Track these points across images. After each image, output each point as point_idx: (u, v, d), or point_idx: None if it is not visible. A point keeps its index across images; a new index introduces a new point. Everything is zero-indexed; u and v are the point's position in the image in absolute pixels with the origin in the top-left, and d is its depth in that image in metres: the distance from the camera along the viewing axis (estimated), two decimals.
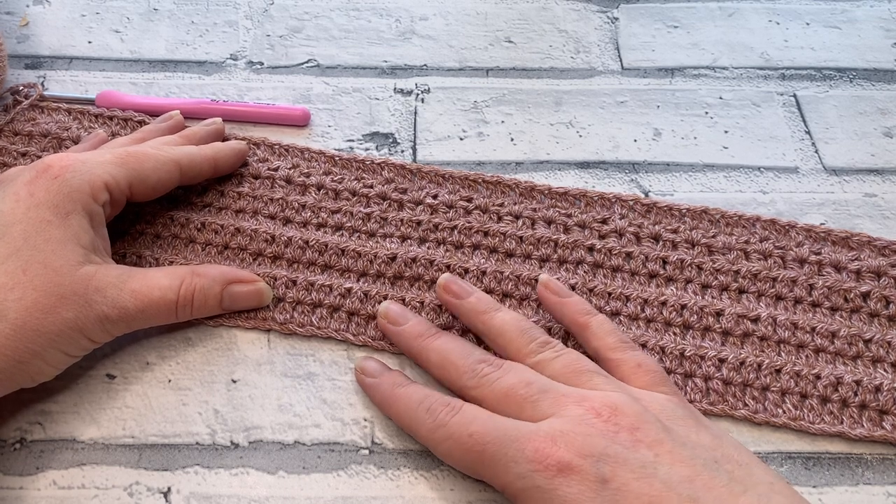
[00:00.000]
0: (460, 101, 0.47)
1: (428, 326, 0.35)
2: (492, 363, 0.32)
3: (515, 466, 0.28)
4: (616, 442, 0.28)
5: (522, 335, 0.33)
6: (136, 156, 0.36)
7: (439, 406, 0.31)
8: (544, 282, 0.35)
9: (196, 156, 0.39)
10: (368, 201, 0.40)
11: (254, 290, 0.36)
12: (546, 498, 0.27)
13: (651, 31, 0.51)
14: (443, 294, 0.36)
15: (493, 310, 0.34)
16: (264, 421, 0.34)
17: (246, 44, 0.50)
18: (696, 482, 0.27)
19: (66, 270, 0.31)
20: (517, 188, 0.41)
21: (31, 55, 0.48)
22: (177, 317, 0.34)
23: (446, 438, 0.30)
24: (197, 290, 0.34)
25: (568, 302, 0.35)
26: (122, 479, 0.33)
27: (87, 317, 0.31)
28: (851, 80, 0.48)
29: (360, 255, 0.38)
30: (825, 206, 0.42)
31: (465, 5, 0.52)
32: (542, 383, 0.30)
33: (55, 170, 0.33)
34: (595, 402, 0.29)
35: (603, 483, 0.27)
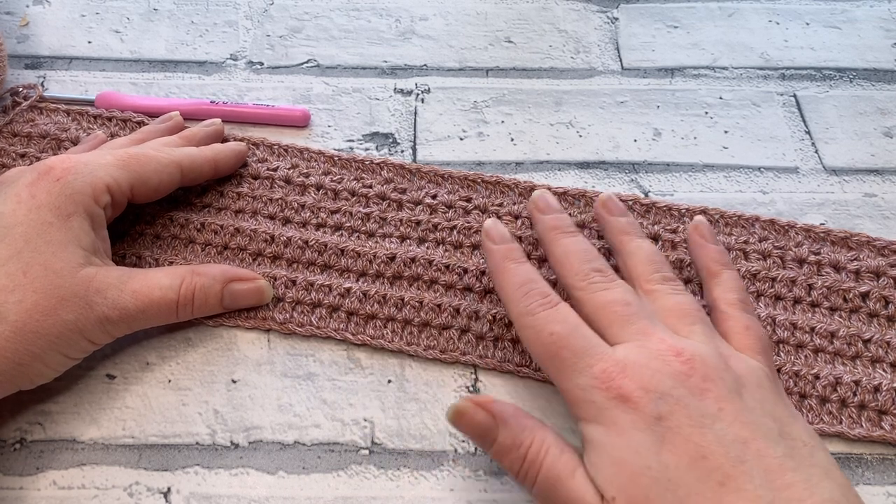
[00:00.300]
0: (460, 101, 0.47)
1: (568, 223, 0.36)
2: (605, 275, 0.32)
3: (580, 377, 0.29)
4: (684, 385, 0.28)
5: (651, 264, 0.34)
6: (138, 158, 0.36)
7: (536, 295, 0.31)
8: (697, 223, 0.37)
9: (197, 157, 0.39)
10: (367, 201, 0.41)
11: (254, 288, 0.36)
12: (599, 415, 0.28)
13: (651, 31, 0.51)
14: (600, 209, 0.37)
15: (636, 235, 0.35)
16: (264, 421, 0.34)
17: (246, 44, 0.50)
18: (749, 446, 0.26)
19: (66, 272, 0.31)
20: (516, 188, 0.41)
21: (31, 55, 0.48)
22: (177, 316, 0.34)
23: (530, 327, 0.31)
24: (197, 288, 0.34)
25: (709, 247, 0.36)
26: (122, 479, 0.33)
27: (87, 318, 0.31)
28: (851, 80, 0.48)
29: (360, 255, 0.38)
30: (825, 206, 0.42)
31: (465, 5, 0.52)
32: (639, 309, 0.31)
33: (57, 172, 0.33)
34: (679, 345, 0.29)
35: (657, 419, 0.27)
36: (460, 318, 0.37)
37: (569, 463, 0.28)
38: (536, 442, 0.29)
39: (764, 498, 0.25)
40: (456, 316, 0.37)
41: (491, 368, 0.36)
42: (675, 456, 0.26)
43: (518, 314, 0.31)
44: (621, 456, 0.27)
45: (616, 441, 0.27)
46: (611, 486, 0.27)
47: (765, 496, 0.25)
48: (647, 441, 0.27)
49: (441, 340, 0.36)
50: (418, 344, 0.36)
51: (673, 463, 0.26)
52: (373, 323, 0.37)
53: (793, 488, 0.25)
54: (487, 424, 0.29)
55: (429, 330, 0.36)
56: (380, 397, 0.35)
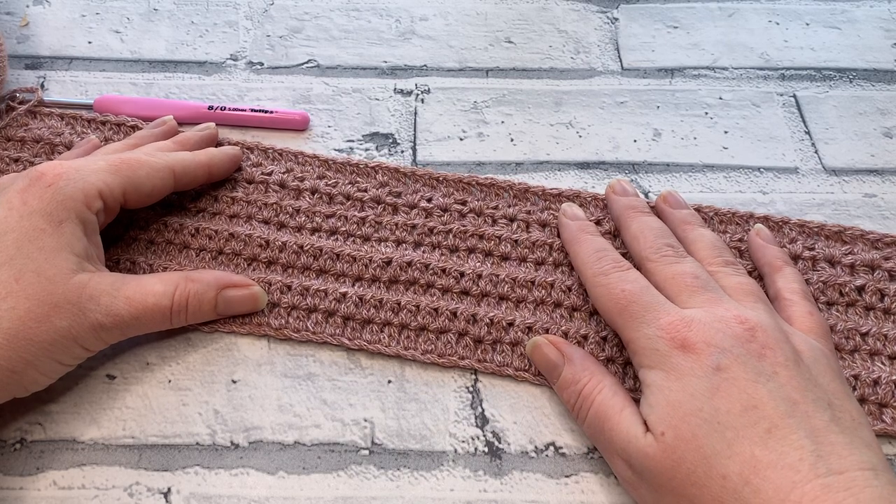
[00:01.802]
0: (460, 102, 0.47)
1: (643, 205, 0.38)
2: (676, 250, 0.35)
3: (646, 327, 0.31)
4: (744, 347, 0.29)
5: (713, 249, 0.36)
6: (130, 163, 0.36)
7: (610, 260, 0.35)
8: (758, 229, 0.39)
9: (190, 162, 0.38)
10: (363, 205, 0.40)
11: (248, 295, 0.36)
12: (661, 361, 0.30)
13: (651, 31, 0.51)
14: (661, 203, 0.39)
15: (698, 224, 0.38)
16: (264, 421, 0.34)
17: (246, 44, 0.50)
18: (798, 406, 0.28)
19: (59, 279, 0.31)
20: (511, 190, 0.41)
21: (31, 55, 0.48)
22: (171, 323, 0.34)
23: (603, 285, 0.34)
24: (191, 295, 0.34)
25: (771, 248, 0.38)
26: (122, 479, 0.33)
27: (80, 325, 0.31)
28: (851, 80, 0.48)
29: (356, 260, 0.38)
30: (825, 206, 0.42)
31: (465, 5, 0.52)
32: (707, 282, 0.33)
33: (48, 178, 0.33)
34: (744, 314, 0.31)
35: (716, 369, 0.29)
36: (457, 321, 0.36)
37: (619, 403, 0.31)
38: (593, 381, 0.32)
39: (807, 448, 0.26)
40: (453, 319, 0.37)
41: (490, 373, 0.36)
42: (727, 402, 0.28)
43: (592, 274, 0.34)
44: (676, 398, 0.29)
45: (674, 385, 0.29)
46: (662, 423, 0.29)
47: (808, 447, 0.26)
48: (703, 387, 0.29)
49: (438, 344, 0.36)
50: (415, 348, 0.36)
51: (724, 408, 0.28)
52: (369, 328, 0.37)
53: (835, 446, 0.27)
54: (556, 360, 0.34)
55: (426, 334, 0.36)
56: (380, 397, 0.35)
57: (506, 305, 0.37)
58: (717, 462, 0.27)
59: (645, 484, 0.29)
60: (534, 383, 0.36)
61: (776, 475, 0.26)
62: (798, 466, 0.26)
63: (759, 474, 0.26)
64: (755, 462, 0.26)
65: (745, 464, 0.27)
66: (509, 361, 0.36)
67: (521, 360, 0.36)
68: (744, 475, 0.26)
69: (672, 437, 0.28)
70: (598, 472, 0.33)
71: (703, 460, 0.27)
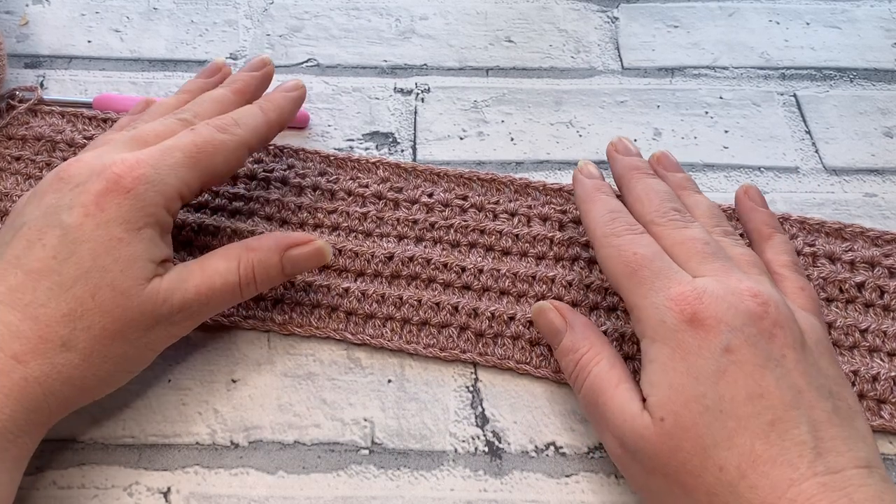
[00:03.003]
0: (460, 101, 0.47)
1: (647, 164, 0.36)
2: (683, 214, 0.33)
3: (654, 296, 0.29)
4: (756, 325, 0.28)
5: (711, 218, 0.34)
6: (207, 151, 0.33)
7: (623, 222, 0.33)
8: (747, 187, 0.37)
9: (263, 128, 0.36)
10: (364, 201, 0.40)
11: (313, 250, 0.34)
12: (668, 335, 0.29)
13: (651, 30, 0.51)
14: (655, 164, 0.37)
15: (694, 190, 0.36)
16: (264, 421, 0.34)
17: (246, 43, 0.49)
18: (804, 395, 0.27)
19: (133, 292, 0.30)
20: (512, 185, 0.41)
21: (30, 54, 0.48)
22: (242, 296, 0.33)
23: (613, 246, 0.32)
24: (256, 264, 0.33)
25: (760, 211, 0.36)
26: (121, 479, 0.33)
27: (155, 335, 0.31)
28: (851, 80, 0.48)
29: (358, 255, 0.38)
30: (825, 206, 0.42)
31: (465, 5, 0.52)
32: (717, 249, 0.31)
33: (127, 182, 0.30)
34: (757, 287, 0.29)
35: (725, 350, 0.28)
36: (459, 315, 0.37)
37: (615, 376, 0.30)
38: (592, 351, 0.32)
39: (808, 444, 0.26)
40: (455, 314, 0.37)
41: (491, 366, 0.36)
42: (733, 389, 0.27)
43: (602, 234, 0.33)
44: (680, 381, 0.28)
45: (678, 365, 0.28)
46: (662, 407, 0.28)
47: (808, 442, 0.26)
48: (709, 369, 0.27)
49: (440, 338, 0.36)
50: (418, 342, 0.36)
51: (729, 395, 0.27)
52: (372, 322, 0.37)
53: (834, 441, 0.26)
54: (559, 326, 0.33)
55: (428, 328, 0.36)
56: (380, 397, 0.35)
57: (507, 300, 0.37)
58: (715, 453, 0.26)
59: (636, 463, 0.29)
60: (535, 378, 0.35)
61: (774, 471, 0.26)
62: (797, 463, 0.26)
63: (757, 469, 0.26)
64: (754, 456, 0.26)
65: (744, 457, 0.26)
66: (511, 354, 0.36)
67: (522, 354, 0.36)
68: (741, 469, 0.26)
69: (671, 423, 0.27)
70: (598, 472, 0.33)
71: (702, 450, 0.27)
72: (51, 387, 0.28)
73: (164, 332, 0.31)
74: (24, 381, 0.28)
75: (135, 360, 0.31)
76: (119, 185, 0.30)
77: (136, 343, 0.30)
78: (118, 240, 0.30)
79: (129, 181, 0.30)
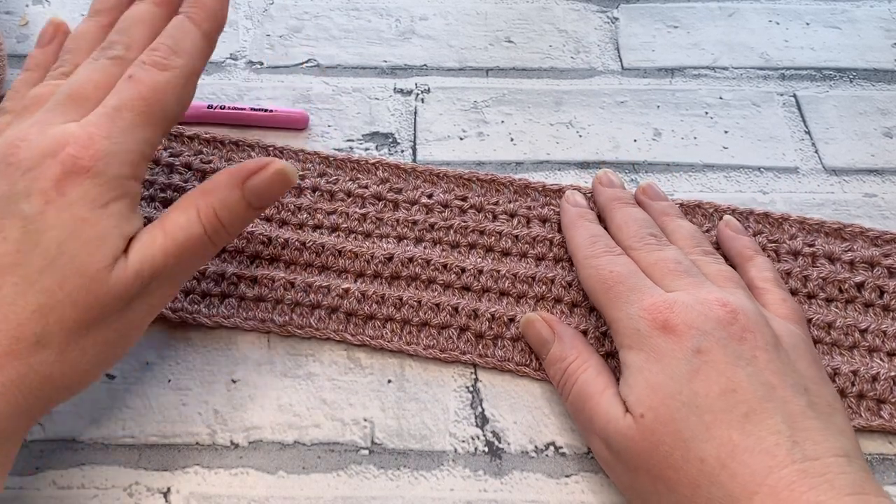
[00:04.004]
0: (460, 101, 0.47)
1: (628, 196, 0.39)
2: (659, 239, 0.36)
3: (629, 308, 0.31)
4: (725, 329, 0.30)
5: (692, 239, 0.36)
6: (157, 99, 0.30)
7: (603, 245, 0.35)
8: (727, 220, 0.39)
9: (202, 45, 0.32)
10: (364, 202, 0.41)
11: (273, 173, 0.31)
12: (642, 342, 0.30)
13: (651, 31, 0.51)
14: (640, 195, 0.40)
15: (676, 216, 0.38)
16: (264, 421, 0.34)
17: (246, 43, 0.50)
18: (776, 391, 0.28)
19: (103, 275, 0.28)
20: (512, 186, 0.41)
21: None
22: (215, 245, 0.31)
23: (593, 266, 0.34)
24: (217, 207, 0.30)
25: (741, 238, 0.38)
26: (121, 479, 0.33)
27: (136, 313, 0.29)
28: (851, 80, 0.48)
29: (357, 256, 0.38)
30: (825, 206, 0.42)
31: (465, 5, 0.52)
32: (689, 267, 0.33)
33: (85, 161, 0.28)
34: (726, 297, 0.31)
35: (696, 352, 0.29)
36: (459, 316, 0.37)
37: (601, 383, 0.32)
38: (579, 360, 0.33)
39: (783, 433, 0.27)
40: (455, 315, 0.37)
41: (491, 367, 0.36)
42: (706, 386, 0.28)
43: (584, 256, 0.35)
44: (656, 380, 0.29)
45: (653, 367, 0.30)
46: (641, 404, 0.29)
47: (784, 432, 0.27)
48: (683, 369, 0.29)
49: (440, 340, 0.36)
50: (417, 343, 0.36)
51: (703, 391, 0.28)
52: (372, 323, 0.37)
53: (811, 432, 0.27)
54: (547, 337, 0.35)
55: (428, 329, 0.36)
56: (380, 397, 0.35)
57: (507, 301, 0.37)
58: (694, 445, 0.27)
59: (621, 464, 0.30)
60: (535, 378, 0.36)
61: (753, 460, 0.26)
62: (774, 451, 0.26)
63: (736, 458, 0.26)
64: (732, 446, 0.27)
65: (723, 447, 0.27)
66: (511, 356, 0.36)
67: (522, 355, 0.36)
68: (721, 459, 0.27)
69: (651, 419, 0.28)
70: (598, 472, 0.33)
71: (681, 443, 0.27)
72: (29, 388, 0.27)
73: (144, 305, 0.29)
74: (2, 386, 0.26)
75: (118, 343, 0.29)
76: (77, 165, 0.28)
77: (116, 325, 0.28)
78: (83, 220, 0.28)
79: (86, 160, 0.28)
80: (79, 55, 0.33)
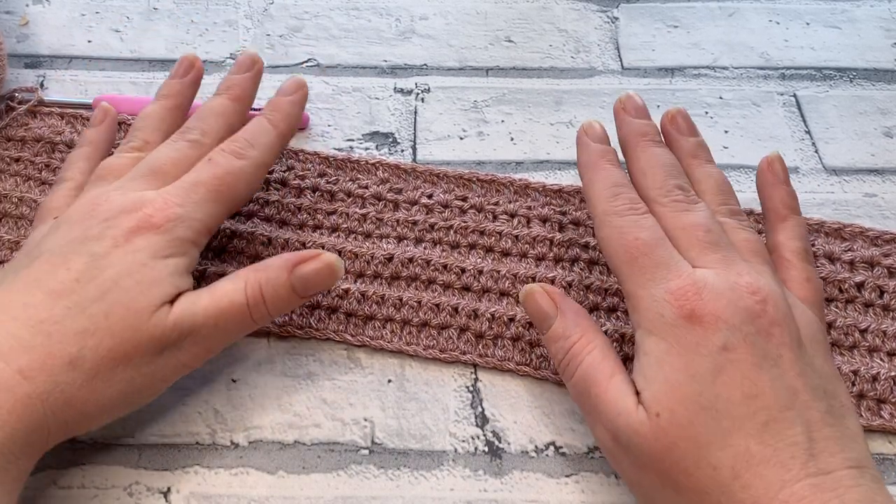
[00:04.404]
0: (460, 101, 0.47)
1: (656, 132, 0.35)
2: (689, 193, 0.32)
3: (654, 287, 0.29)
4: (753, 323, 0.28)
5: (720, 194, 0.33)
6: (229, 181, 0.33)
7: (626, 199, 0.32)
8: (773, 158, 0.35)
9: (275, 143, 0.36)
10: (364, 202, 0.40)
11: (322, 265, 0.33)
12: (666, 330, 0.28)
13: (651, 30, 0.51)
14: (668, 125, 0.36)
15: (706, 161, 0.35)
16: (264, 421, 0.34)
17: (246, 43, 0.49)
18: (799, 396, 0.27)
19: (146, 314, 0.29)
20: (512, 186, 0.41)
21: (30, 54, 0.48)
22: (253, 319, 0.32)
23: (616, 227, 0.31)
24: (263, 283, 0.32)
25: (781, 188, 0.35)
26: (121, 479, 0.33)
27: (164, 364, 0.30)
28: (851, 80, 0.48)
29: (357, 256, 0.38)
30: (825, 206, 0.42)
31: (465, 5, 0.52)
32: (721, 238, 0.31)
33: (157, 220, 0.31)
34: (756, 282, 0.29)
35: (722, 348, 0.27)
36: (459, 316, 0.37)
37: (608, 367, 0.30)
38: (584, 339, 0.31)
39: (801, 445, 0.26)
40: (455, 315, 0.37)
41: (491, 367, 0.36)
42: (729, 389, 0.27)
43: (604, 211, 0.32)
44: (677, 378, 0.28)
45: (675, 361, 0.28)
46: (658, 403, 0.28)
47: (802, 444, 0.26)
48: (706, 368, 0.27)
49: (440, 340, 0.36)
50: (417, 344, 0.36)
51: (725, 395, 0.27)
52: (372, 324, 0.37)
53: (827, 442, 0.26)
54: (549, 311, 0.32)
55: (428, 329, 0.36)
56: (380, 397, 0.35)
57: (507, 301, 0.37)
58: (709, 452, 0.26)
59: (628, 459, 0.29)
60: (535, 378, 0.36)
61: (768, 472, 0.26)
62: (790, 465, 0.26)
63: (750, 469, 0.26)
64: (749, 456, 0.26)
65: (739, 457, 0.26)
66: (511, 356, 0.36)
67: (522, 355, 0.36)
68: (735, 469, 0.26)
69: (667, 420, 0.27)
70: (598, 472, 0.33)
71: (696, 449, 0.27)
72: (53, 406, 0.28)
73: (173, 359, 0.31)
74: (28, 398, 0.27)
75: (141, 389, 0.30)
76: (149, 222, 0.31)
77: (143, 370, 0.30)
78: (142, 265, 0.30)
79: (158, 219, 0.31)
80: (147, 132, 0.36)
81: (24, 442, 0.27)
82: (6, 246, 0.39)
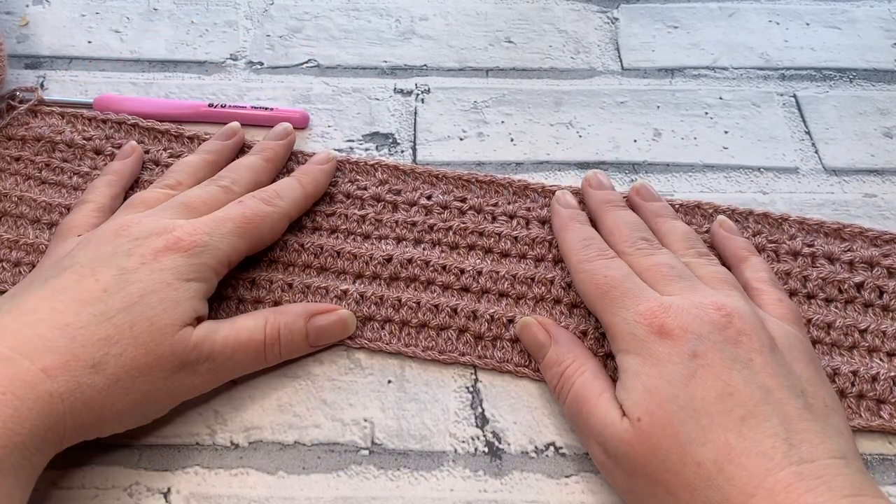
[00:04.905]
0: (460, 102, 0.47)
1: (618, 198, 0.39)
2: (651, 243, 0.36)
3: (625, 312, 0.32)
4: (721, 333, 0.30)
5: (686, 241, 0.36)
6: (255, 222, 0.36)
7: (596, 248, 0.35)
8: (721, 220, 0.39)
9: (301, 200, 0.39)
10: (363, 203, 0.40)
11: (336, 319, 0.36)
12: (639, 346, 0.30)
13: (651, 31, 0.51)
14: (634, 196, 0.40)
15: (670, 217, 0.38)
16: (264, 421, 0.34)
17: (246, 44, 0.50)
18: (773, 394, 0.28)
19: (169, 331, 0.31)
20: (511, 187, 0.41)
21: (30, 55, 0.48)
22: (265, 357, 0.34)
23: (587, 271, 0.34)
24: (282, 326, 0.34)
25: (736, 239, 0.38)
26: (121, 479, 0.33)
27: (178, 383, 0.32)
28: (851, 80, 0.48)
29: (356, 257, 0.38)
30: (825, 206, 0.42)
31: (465, 5, 0.52)
32: (683, 271, 0.33)
33: (185, 244, 0.33)
34: (721, 300, 0.31)
35: (692, 356, 0.29)
36: (458, 318, 0.37)
37: (598, 387, 0.32)
38: (576, 364, 0.33)
39: (780, 436, 0.27)
40: (454, 316, 0.37)
41: (490, 369, 0.36)
42: (703, 389, 0.28)
43: (577, 261, 0.35)
44: (653, 384, 0.29)
45: (650, 371, 0.30)
46: (638, 408, 0.29)
47: (780, 434, 0.27)
48: (679, 373, 0.29)
49: (439, 341, 0.36)
50: (416, 345, 0.36)
51: (699, 395, 0.28)
52: (370, 325, 0.37)
53: (807, 434, 0.27)
54: (543, 340, 0.35)
55: (427, 331, 0.36)
56: (380, 397, 0.35)
57: (506, 302, 0.37)
58: (691, 449, 0.27)
59: (619, 468, 0.30)
60: (534, 379, 0.36)
61: (750, 462, 0.26)
62: (771, 454, 0.26)
63: (733, 461, 0.27)
64: (729, 449, 0.27)
65: (720, 451, 0.27)
66: (510, 357, 0.36)
67: (521, 357, 0.36)
68: (718, 462, 0.27)
69: (648, 423, 0.28)
70: (597, 473, 0.33)
71: (678, 447, 0.28)
72: (72, 406, 0.28)
73: (187, 380, 0.32)
74: (49, 395, 0.28)
75: (153, 403, 0.32)
76: (178, 245, 0.33)
77: (159, 384, 0.31)
78: (167, 284, 0.32)
79: (187, 243, 0.33)
80: (181, 175, 0.39)
81: (41, 439, 0.28)
82: (5, 245, 0.39)
